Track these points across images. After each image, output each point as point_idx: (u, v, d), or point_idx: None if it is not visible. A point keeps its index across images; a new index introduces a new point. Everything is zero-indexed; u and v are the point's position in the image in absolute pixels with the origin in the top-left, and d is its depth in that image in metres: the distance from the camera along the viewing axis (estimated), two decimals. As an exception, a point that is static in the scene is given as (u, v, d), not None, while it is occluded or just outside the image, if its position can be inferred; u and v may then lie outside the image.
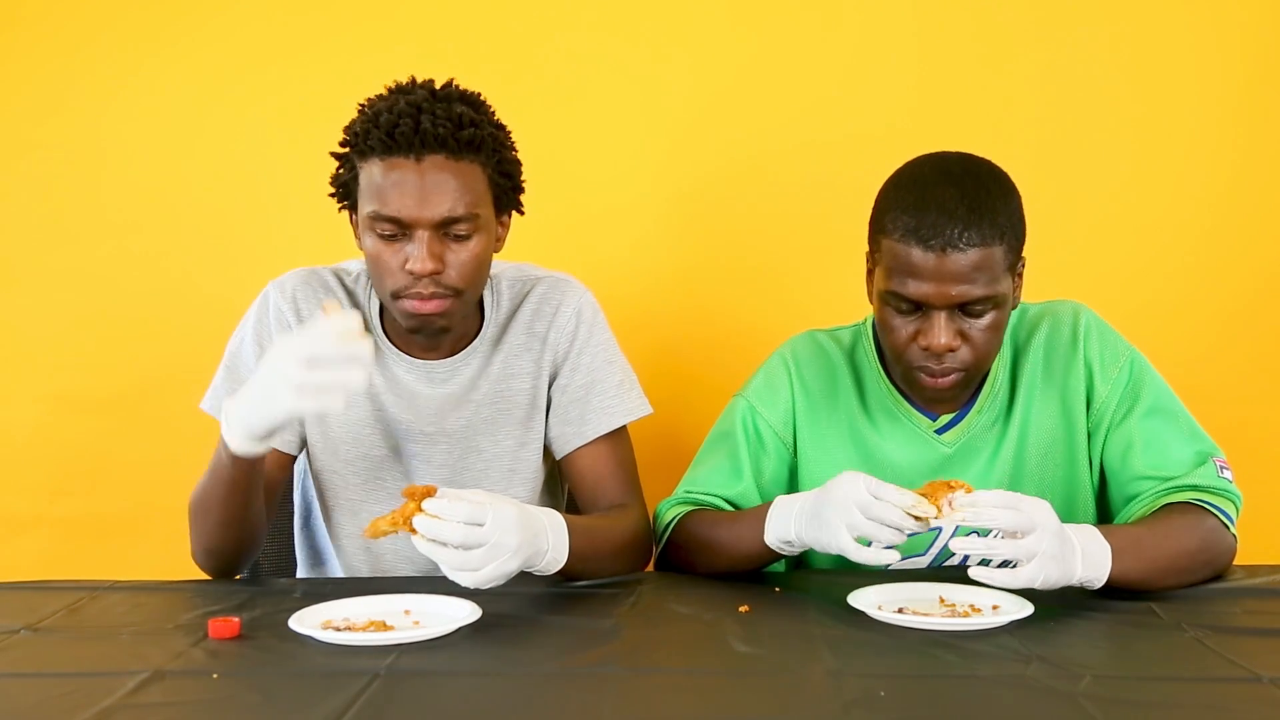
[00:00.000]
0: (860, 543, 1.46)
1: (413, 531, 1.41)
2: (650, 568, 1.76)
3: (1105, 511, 1.72)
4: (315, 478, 1.78)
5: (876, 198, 1.65)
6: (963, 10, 2.37)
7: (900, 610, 1.44)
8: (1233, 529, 1.60)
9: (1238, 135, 2.35)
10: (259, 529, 1.66)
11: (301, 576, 1.86)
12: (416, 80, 1.65)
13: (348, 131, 1.64)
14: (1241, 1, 2.34)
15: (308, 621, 1.40)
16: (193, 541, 1.67)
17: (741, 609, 1.48)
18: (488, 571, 1.42)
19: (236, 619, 1.41)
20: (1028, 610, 1.41)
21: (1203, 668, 1.29)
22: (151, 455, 2.41)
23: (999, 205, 1.57)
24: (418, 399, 1.74)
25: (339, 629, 1.39)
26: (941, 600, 1.50)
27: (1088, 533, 1.46)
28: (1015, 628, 1.39)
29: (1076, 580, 1.44)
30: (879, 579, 1.58)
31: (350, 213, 1.69)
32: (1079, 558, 1.43)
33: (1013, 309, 1.66)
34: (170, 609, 1.52)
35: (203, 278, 2.41)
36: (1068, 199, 2.35)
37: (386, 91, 1.65)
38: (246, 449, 1.50)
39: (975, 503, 1.41)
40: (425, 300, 1.61)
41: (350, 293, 1.77)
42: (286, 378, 1.39)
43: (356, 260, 1.79)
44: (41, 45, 2.40)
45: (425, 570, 1.72)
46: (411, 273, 1.59)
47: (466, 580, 1.42)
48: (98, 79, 2.40)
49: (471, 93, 1.66)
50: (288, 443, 1.74)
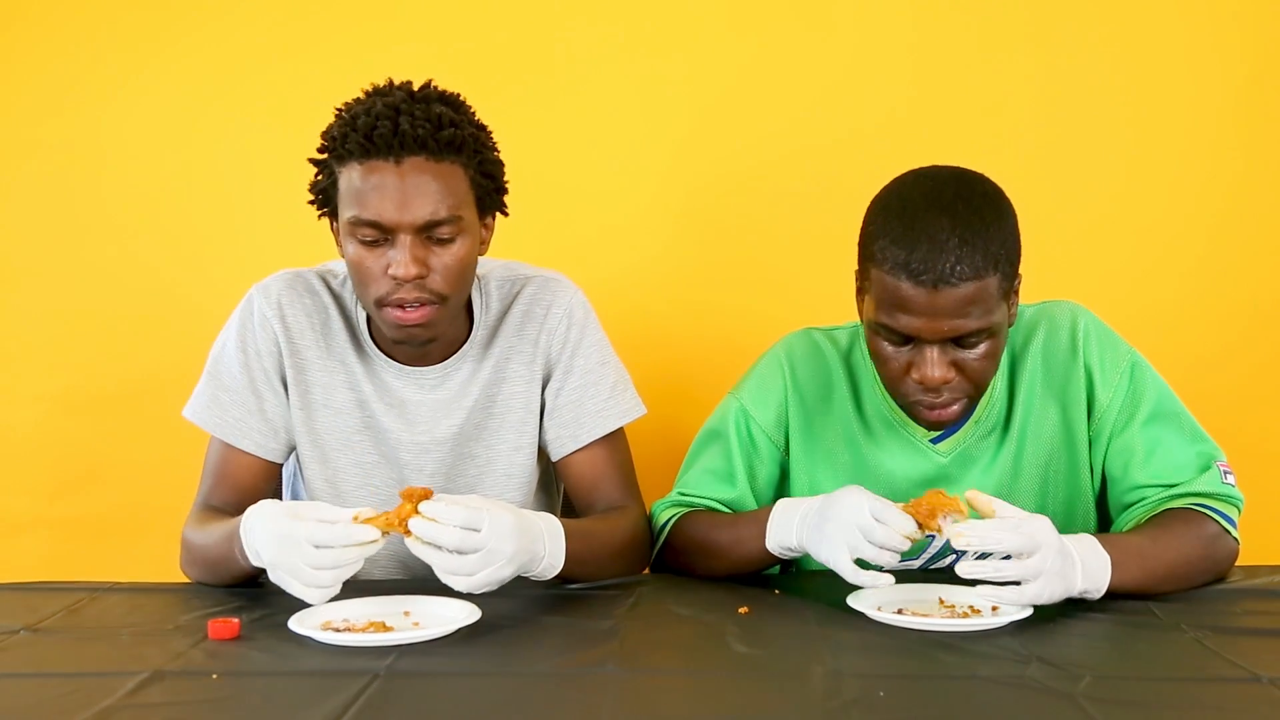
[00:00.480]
0: (858, 563, 1.47)
1: (407, 534, 1.41)
2: (647, 570, 1.75)
3: (1105, 516, 1.72)
4: (306, 485, 1.76)
5: (865, 218, 1.59)
6: (961, 12, 2.36)
7: (900, 611, 1.44)
8: (1234, 533, 1.60)
9: (1239, 135, 2.35)
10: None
11: None
12: (394, 82, 1.62)
13: (325, 137, 1.61)
14: (1240, 1, 2.34)
15: (307, 622, 1.40)
16: (187, 571, 1.67)
17: (741, 610, 1.48)
18: (482, 577, 1.42)
19: (236, 620, 1.41)
20: (1027, 611, 1.41)
21: (1202, 668, 1.29)
22: (151, 455, 2.41)
23: (992, 232, 1.50)
24: (407, 406, 1.73)
25: (338, 630, 1.39)
26: (941, 601, 1.50)
27: (1087, 544, 1.46)
28: (1015, 628, 1.39)
29: (1077, 593, 1.44)
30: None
31: (331, 220, 1.65)
32: (1079, 571, 1.43)
33: (1010, 326, 1.62)
34: (170, 610, 1.52)
35: (203, 278, 2.40)
36: (1068, 200, 2.35)
37: (364, 95, 1.62)
38: (262, 565, 1.48)
39: (977, 529, 1.40)
40: (409, 310, 1.59)
41: (336, 296, 1.75)
42: (303, 575, 1.40)
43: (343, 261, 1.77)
44: (42, 46, 2.40)
45: (417, 575, 1.71)
46: (394, 278, 1.56)
47: (460, 585, 1.42)
48: (98, 80, 2.40)
49: (450, 93, 1.63)
50: (274, 451, 1.72)
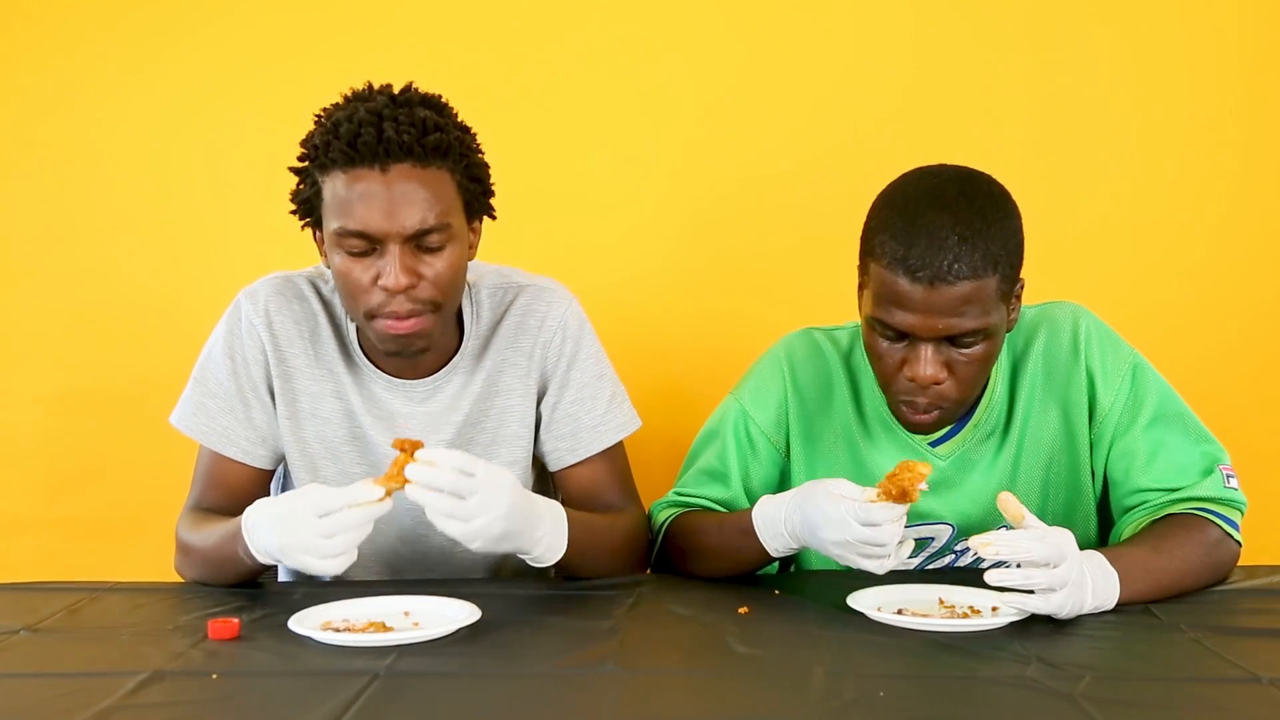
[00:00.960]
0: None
1: (405, 483, 1.40)
2: (647, 570, 1.75)
3: (1105, 520, 1.71)
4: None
5: (868, 214, 1.58)
6: (960, 15, 2.36)
7: (900, 611, 1.44)
8: (1237, 535, 1.60)
9: (1240, 136, 2.35)
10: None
11: (283, 580, 1.84)
12: (374, 86, 1.58)
13: (306, 145, 1.57)
14: (1240, 1, 2.34)
15: (307, 622, 1.40)
16: (183, 571, 1.66)
17: (741, 610, 1.48)
18: (478, 524, 1.41)
19: (236, 620, 1.41)
20: (1026, 612, 1.41)
21: (1202, 668, 1.29)
22: (151, 455, 2.41)
23: (994, 232, 1.49)
24: (396, 419, 1.69)
25: (338, 630, 1.39)
26: (941, 602, 1.50)
27: (1095, 561, 1.45)
28: (1015, 629, 1.39)
29: (1088, 609, 1.43)
30: (878, 581, 1.58)
31: (314, 230, 1.61)
32: (1089, 589, 1.42)
33: (1009, 330, 1.61)
34: (170, 610, 1.52)
35: (203, 278, 2.41)
36: (1069, 200, 2.35)
37: (343, 100, 1.58)
38: (269, 561, 1.49)
39: (1003, 539, 1.40)
40: (402, 320, 1.55)
41: (326, 304, 1.71)
42: (314, 547, 1.40)
43: None
44: (41, 46, 2.40)
45: (403, 576, 1.70)
46: (385, 289, 1.53)
47: (455, 529, 1.41)
48: (98, 79, 2.41)
49: (433, 96, 1.59)
50: (261, 458, 1.70)
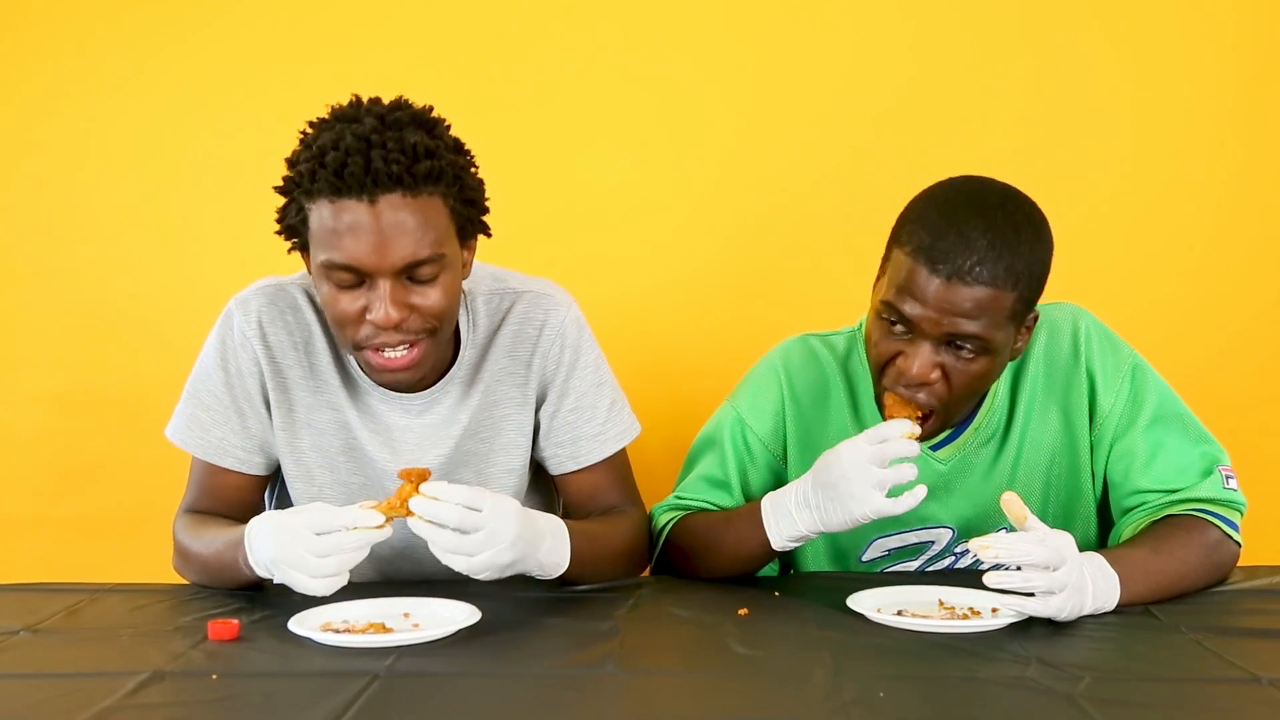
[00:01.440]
0: (893, 494, 1.48)
1: (409, 515, 1.40)
2: (648, 572, 1.75)
3: (1105, 522, 1.71)
4: (294, 502, 1.71)
5: (905, 206, 1.57)
6: (961, 17, 2.36)
7: (899, 613, 1.44)
8: (1236, 536, 1.60)
9: (1239, 136, 2.35)
10: None
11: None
12: (361, 101, 1.51)
13: (291, 168, 1.49)
14: (1240, 1, 2.34)
15: (307, 623, 1.40)
16: (181, 572, 1.66)
17: (741, 612, 1.48)
18: (482, 559, 1.40)
19: (236, 621, 1.41)
20: (1025, 614, 1.41)
21: (1202, 669, 1.29)
22: (151, 455, 2.40)
23: (1023, 250, 1.48)
24: (394, 432, 1.67)
25: (338, 631, 1.39)
26: (941, 603, 1.50)
27: (1095, 563, 1.45)
28: (1014, 630, 1.39)
29: (1088, 610, 1.43)
30: (878, 582, 1.58)
31: (302, 253, 1.55)
32: (1089, 592, 1.42)
33: (1012, 359, 1.60)
34: (170, 611, 1.52)
35: (202, 278, 2.40)
36: (1070, 201, 2.33)
37: (329, 116, 1.50)
38: (265, 574, 1.48)
39: (1002, 542, 1.40)
40: (394, 355, 1.52)
41: (320, 313, 1.65)
42: (306, 565, 1.39)
43: None
44: (40, 47, 2.40)
45: (390, 579, 1.70)
46: (374, 324, 1.49)
47: (459, 565, 1.40)
48: (98, 79, 2.40)
49: (424, 113, 1.51)
50: (257, 465, 1.69)
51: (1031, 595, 1.40)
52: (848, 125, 2.39)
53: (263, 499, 1.77)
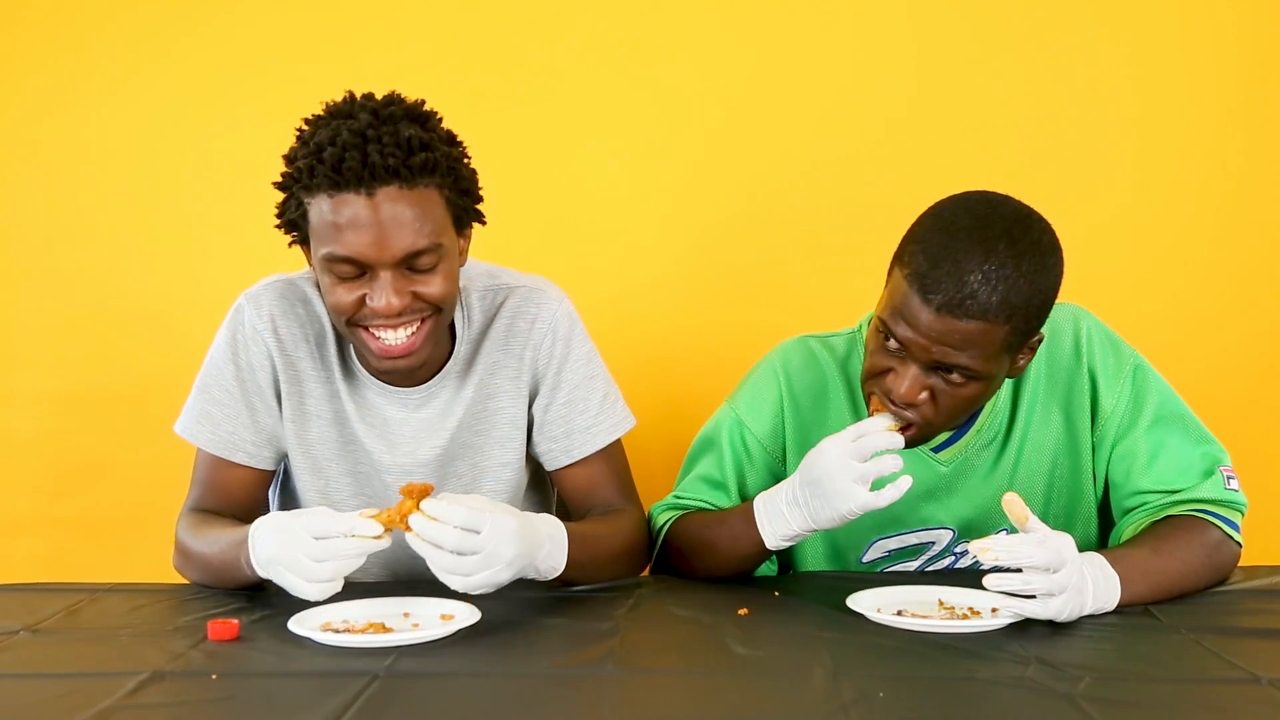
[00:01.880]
0: (874, 487, 1.48)
1: (408, 529, 1.40)
2: (647, 572, 1.75)
3: (1105, 523, 1.71)
4: (300, 496, 1.73)
5: (916, 219, 1.54)
6: (963, 20, 2.36)
7: (899, 613, 1.44)
8: (1237, 537, 1.60)
9: (1241, 139, 2.35)
10: None
11: None
12: (355, 97, 1.54)
13: (289, 164, 1.53)
14: (1241, 4, 2.34)
15: (307, 623, 1.40)
16: (183, 572, 1.66)
17: (740, 612, 1.48)
18: (479, 579, 1.41)
19: (235, 621, 1.41)
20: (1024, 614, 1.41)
21: (1201, 669, 1.29)
22: (151, 455, 2.41)
23: (1021, 284, 1.44)
24: (390, 426, 1.69)
25: (338, 631, 1.39)
26: (940, 603, 1.50)
27: (1096, 563, 1.45)
28: (1014, 630, 1.39)
29: (1089, 611, 1.43)
30: (878, 582, 1.58)
31: (303, 246, 1.58)
32: (1090, 593, 1.42)
33: (1012, 377, 1.59)
34: (169, 611, 1.52)
35: (203, 278, 2.41)
36: (1071, 203, 2.32)
37: (325, 113, 1.53)
38: (264, 574, 1.48)
39: (1002, 544, 1.40)
40: (394, 343, 1.54)
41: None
42: (302, 568, 1.39)
43: None
44: (40, 47, 2.40)
45: (400, 578, 1.70)
46: (375, 311, 1.52)
47: (456, 584, 1.41)
48: (98, 79, 2.41)
49: (417, 107, 1.55)
50: (266, 460, 1.70)
51: (1032, 597, 1.40)
52: (848, 124, 2.39)
53: (267, 498, 1.78)
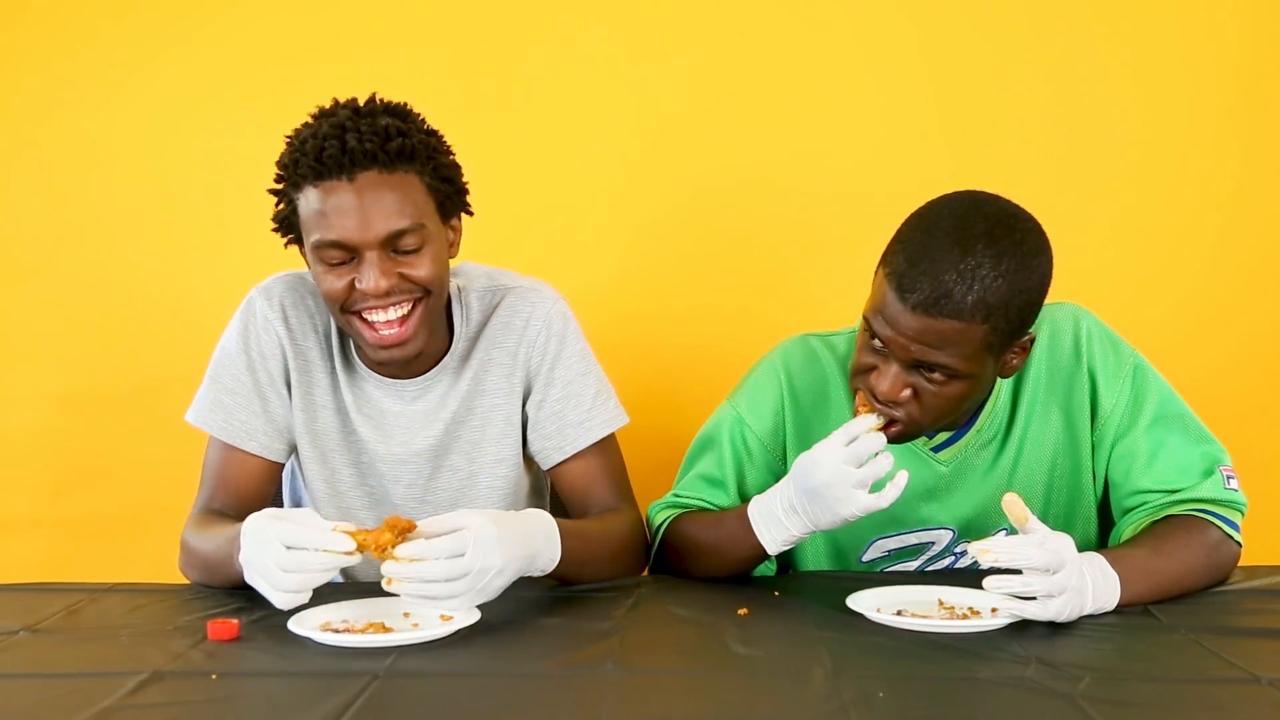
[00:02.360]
0: (873, 490, 1.49)
1: (378, 557, 1.39)
2: (646, 571, 1.75)
3: (1105, 523, 1.71)
4: (306, 485, 1.76)
5: (904, 220, 1.55)
6: (964, 17, 2.37)
7: (899, 613, 1.44)
8: (1237, 537, 1.60)
9: (1243, 141, 2.36)
10: None
11: None
12: (338, 101, 1.62)
13: (279, 166, 1.61)
14: (1244, 2, 2.34)
15: (307, 623, 1.40)
16: (186, 572, 1.67)
17: (740, 611, 1.48)
18: (474, 594, 1.40)
19: (235, 621, 1.41)
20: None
21: (1201, 669, 1.29)
22: (151, 455, 2.42)
23: (999, 285, 1.45)
24: (386, 418, 1.73)
25: (338, 631, 1.39)
26: (940, 603, 1.50)
27: (1096, 563, 1.45)
28: (1014, 630, 1.39)
29: (1088, 611, 1.43)
30: (878, 582, 1.58)
31: (299, 246, 1.64)
32: (1089, 593, 1.42)
33: (1005, 377, 1.59)
34: (169, 611, 1.52)
35: (204, 278, 2.41)
36: (1072, 204, 2.35)
37: (310, 119, 1.61)
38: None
39: (1002, 545, 1.40)
40: (388, 332, 1.58)
41: None
42: (271, 577, 1.39)
43: None
44: (41, 46, 2.40)
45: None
46: (364, 293, 1.56)
47: (453, 606, 1.41)
48: (98, 79, 2.41)
49: (397, 104, 1.62)
50: (277, 451, 1.72)
51: (1032, 599, 1.40)
52: (847, 123, 2.39)
53: (276, 496, 1.80)
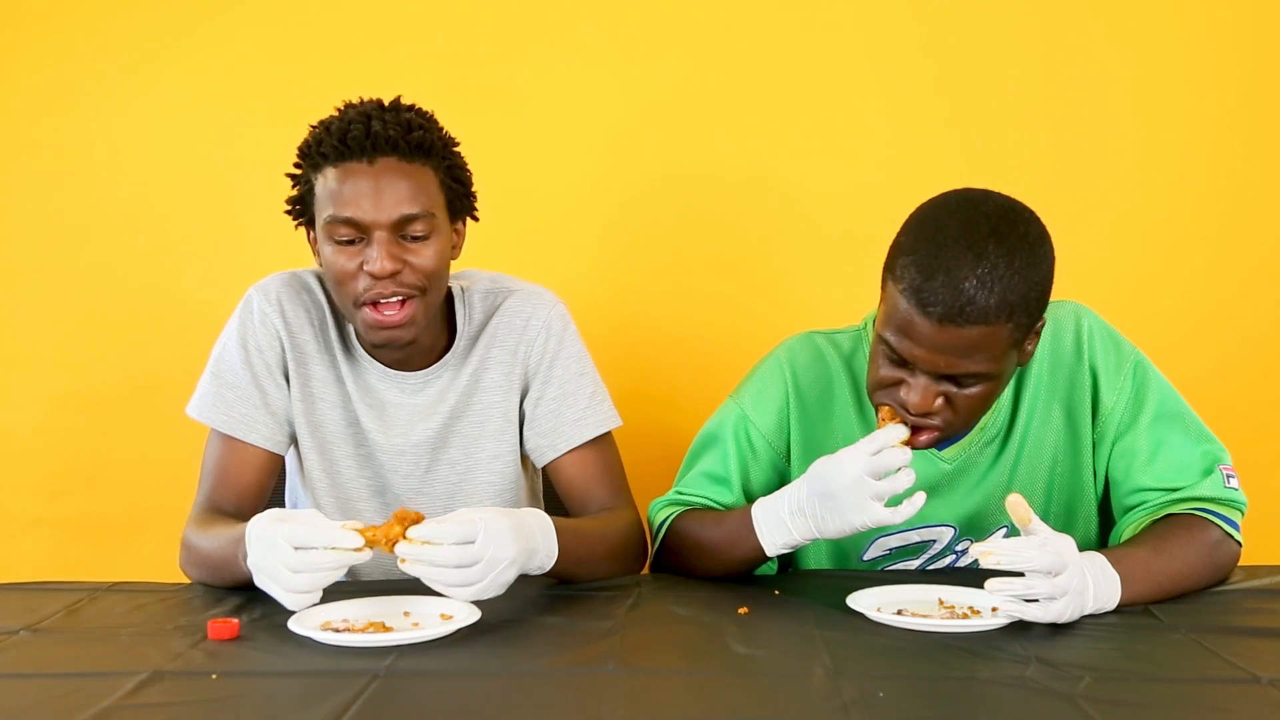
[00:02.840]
0: (890, 504, 1.48)
1: (390, 551, 1.40)
2: (646, 570, 1.75)
3: (1105, 521, 1.71)
4: (306, 476, 1.78)
5: (901, 227, 1.52)
6: (965, 16, 2.37)
7: (899, 612, 1.44)
8: (1237, 536, 1.60)
9: (1243, 140, 2.36)
10: None
11: None
12: (364, 99, 1.68)
13: (300, 151, 1.66)
14: (1244, 3, 2.34)
15: (307, 622, 1.40)
16: (187, 571, 1.67)
17: (740, 610, 1.48)
18: (486, 584, 1.42)
19: (235, 620, 1.41)
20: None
21: (1201, 669, 1.29)
22: (151, 455, 2.42)
23: (1016, 281, 1.43)
24: (387, 408, 1.76)
25: (338, 630, 1.39)
26: (941, 602, 1.50)
27: (1097, 563, 1.45)
28: (1014, 630, 1.39)
29: (1089, 611, 1.43)
30: (878, 581, 1.58)
31: (307, 229, 1.70)
32: (1090, 593, 1.42)
33: (1023, 365, 1.58)
34: (169, 610, 1.52)
35: (203, 277, 2.41)
36: (1072, 204, 2.35)
37: (336, 111, 1.67)
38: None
39: (1004, 547, 1.39)
40: (387, 309, 1.62)
41: (330, 296, 1.76)
42: (281, 579, 1.39)
43: None
44: (41, 46, 2.40)
45: (410, 578, 1.70)
46: (370, 274, 1.61)
47: (465, 595, 1.42)
48: (98, 79, 2.41)
49: (419, 107, 1.68)
50: (279, 443, 1.75)
51: (1035, 600, 1.39)
52: (846, 121, 2.39)
53: (276, 492, 1.81)
